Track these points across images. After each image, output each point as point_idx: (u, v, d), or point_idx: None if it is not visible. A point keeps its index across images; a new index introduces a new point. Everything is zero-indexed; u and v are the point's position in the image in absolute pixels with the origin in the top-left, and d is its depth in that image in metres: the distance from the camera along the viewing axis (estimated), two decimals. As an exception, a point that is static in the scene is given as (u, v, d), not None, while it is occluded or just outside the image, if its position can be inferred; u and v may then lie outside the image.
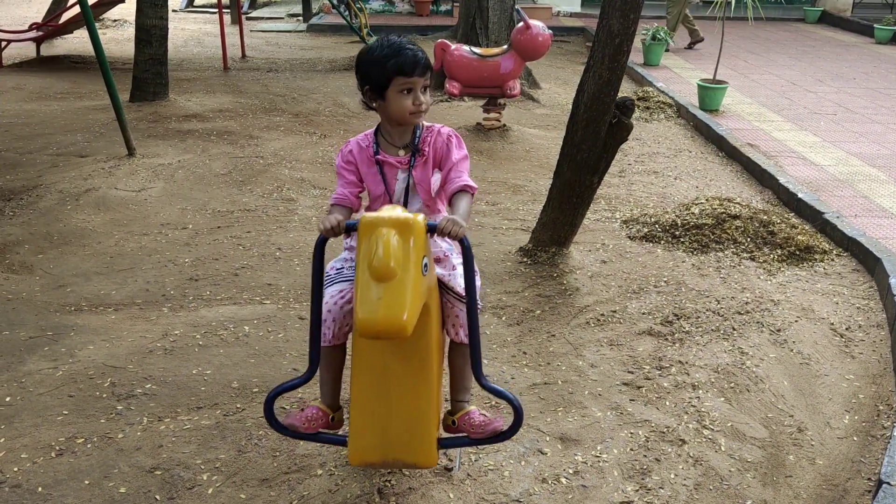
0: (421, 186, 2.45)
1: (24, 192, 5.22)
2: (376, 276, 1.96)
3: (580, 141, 4.14)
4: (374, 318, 1.93)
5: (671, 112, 8.27)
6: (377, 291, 1.95)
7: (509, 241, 4.69)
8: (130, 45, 8.45)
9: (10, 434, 2.84)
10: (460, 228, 2.15)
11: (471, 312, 2.24)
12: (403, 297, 1.95)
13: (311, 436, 2.41)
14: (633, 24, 3.92)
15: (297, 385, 2.36)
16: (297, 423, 2.37)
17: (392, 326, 1.94)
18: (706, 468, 2.80)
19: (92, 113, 7.36)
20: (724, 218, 4.90)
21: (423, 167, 2.44)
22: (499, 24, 8.75)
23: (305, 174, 5.84)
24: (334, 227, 2.19)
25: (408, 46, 2.36)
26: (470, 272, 2.22)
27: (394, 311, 1.94)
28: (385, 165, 2.44)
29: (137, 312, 3.79)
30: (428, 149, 2.43)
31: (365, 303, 1.95)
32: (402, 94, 2.35)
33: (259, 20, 15.14)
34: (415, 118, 2.41)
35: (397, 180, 2.45)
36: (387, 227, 2.00)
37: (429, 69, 2.38)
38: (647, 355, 3.52)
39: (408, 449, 2.26)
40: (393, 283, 1.96)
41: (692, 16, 12.29)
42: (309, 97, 8.35)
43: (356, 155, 2.47)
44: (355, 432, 2.25)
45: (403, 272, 1.97)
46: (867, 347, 3.72)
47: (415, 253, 2.01)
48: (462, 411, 2.44)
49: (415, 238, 2.02)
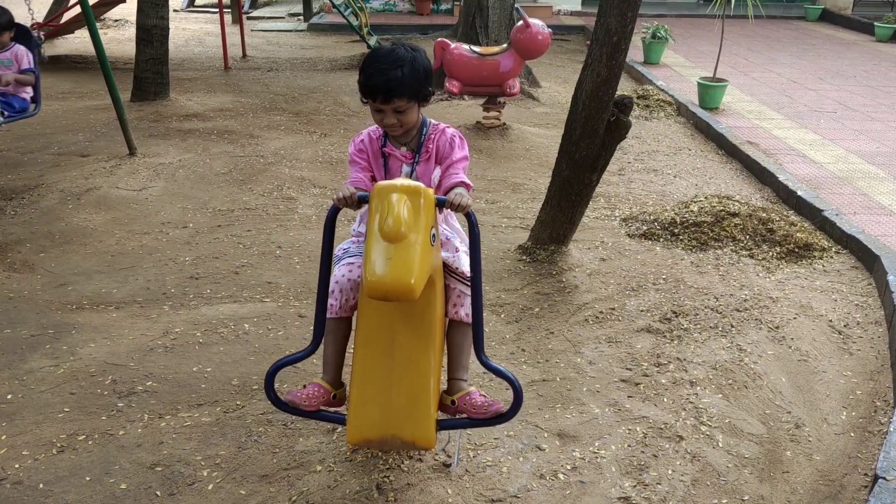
0: (423, 181, 2.52)
1: (26, 192, 5.24)
2: (387, 236, 2.02)
3: (579, 139, 4.15)
4: (383, 278, 1.98)
5: (671, 110, 8.28)
6: (387, 252, 2.01)
7: (508, 239, 4.70)
8: (131, 45, 8.46)
9: (11, 431, 2.86)
10: (467, 200, 2.24)
11: (475, 289, 2.29)
12: (412, 259, 2.01)
13: (311, 413, 2.43)
14: (630, 22, 3.93)
15: (300, 358, 2.39)
16: (298, 399, 2.39)
17: (400, 287, 1.98)
18: (703, 464, 2.81)
19: (93, 112, 7.38)
20: (723, 216, 4.91)
21: (425, 163, 2.53)
22: (499, 23, 8.76)
23: (305, 173, 5.86)
24: (348, 197, 2.27)
25: (385, 70, 2.35)
26: (476, 244, 2.28)
27: (403, 272, 1.99)
28: (390, 158, 2.54)
29: (138, 310, 3.81)
30: (432, 146, 2.52)
31: (374, 263, 2.00)
32: (374, 110, 2.45)
33: (260, 20, 15.16)
34: (390, 132, 2.50)
35: (401, 173, 2.54)
36: (399, 192, 2.08)
37: (399, 95, 2.36)
38: (645, 352, 3.54)
39: (408, 425, 2.27)
40: (402, 245, 2.02)
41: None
42: (309, 96, 8.37)
43: (367, 144, 2.57)
44: (356, 407, 2.26)
45: (413, 235, 2.03)
46: (865, 344, 3.73)
47: (425, 219, 2.08)
48: (462, 391, 2.47)
49: (425, 206, 2.10)
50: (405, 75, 2.37)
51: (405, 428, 2.26)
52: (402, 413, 2.25)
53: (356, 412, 2.26)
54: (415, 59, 2.41)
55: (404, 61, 2.38)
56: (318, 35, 13.47)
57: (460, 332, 2.50)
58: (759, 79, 10.09)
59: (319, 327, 2.35)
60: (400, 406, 2.25)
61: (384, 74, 2.36)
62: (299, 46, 12.15)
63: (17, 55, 5.49)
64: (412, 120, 2.47)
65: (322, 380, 2.49)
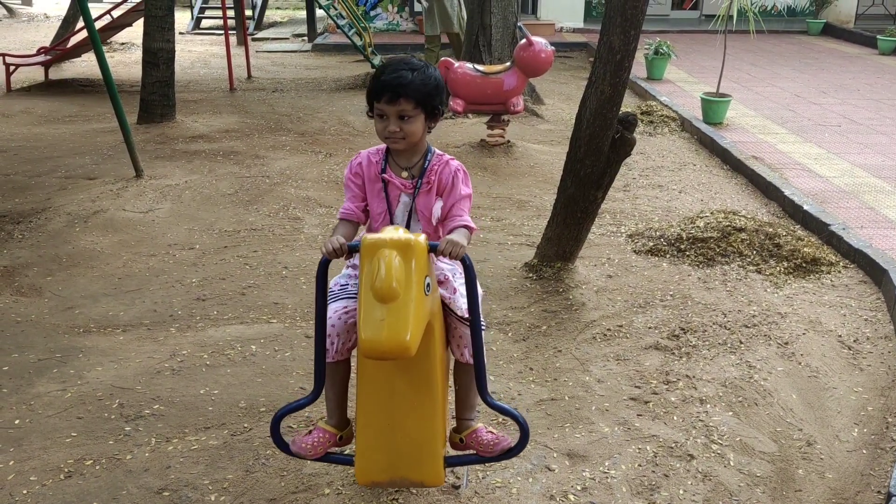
0: (423, 214, 2.44)
1: (34, 215, 5.26)
2: (379, 297, 1.97)
3: (583, 156, 4.16)
4: (377, 339, 1.95)
5: (675, 126, 8.29)
6: (380, 312, 1.96)
7: (514, 257, 4.70)
8: (138, 68, 8.54)
9: (19, 456, 2.85)
10: (461, 249, 2.16)
11: (474, 332, 2.25)
12: (406, 317, 1.96)
13: (321, 458, 2.42)
14: (633, 40, 3.95)
15: (303, 405, 2.37)
16: (303, 450, 2.36)
17: (396, 347, 1.95)
18: (715, 483, 2.78)
19: (100, 135, 7.44)
20: (729, 231, 4.89)
21: (426, 195, 2.42)
22: (502, 42, 8.81)
23: (311, 193, 5.87)
24: (337, 249, 2.21)
25: (395, 70, 2.32)
26: (472, 291, 2.23)
27: (397, 331, 1.95)
28: (389, 185, 2.43)
29: (145, 333, 3.81)
30: (434, 178, 2.41)
31: (368, 324, 1.96)
32: (378, 118, 2.35)
33: (264, 41, 15.28)
34: (391, 143, 2.39)
35: (399, 202, 2.44)
36: (389, 248, 2.01)
37: (406, 96, 2.29)
38: (653, 370, 3.52)
39: (415, 467, 2.26)
40: (396, 304, 1.97)
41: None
42: (314, 116, 8.41)
43: (364, 168, 2.46)
44: (362, 452, 2.25)
45: (406, 293, 1.98)
46: (875, 359, 3.70)
47: (417, 273, 2.02)
48: (469, 429, 2.45)
49: (416, 258, 2.03)
50: (415, 78, 2.31)
51: (412, 470, 2.26)
52: (409, 456, 2.25)
53: (363, 456, 2.25)
54: (427, 68, 2.37)
55: (416, 67, 2.34)
56: (322, 55, 13.57)
57: (466, 373, 2.44)
58: (763, 93, 10.11)
59: (320, 373, 2.33)
60: (406, 449, 2.24)
61: (393, 73, 2.31)
62: (304, 67, 12.24)
63: None
64: (416, 132, 2.35)
65: (326, 424, 2.45)
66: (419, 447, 2.24)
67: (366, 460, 2.25)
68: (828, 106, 9.36)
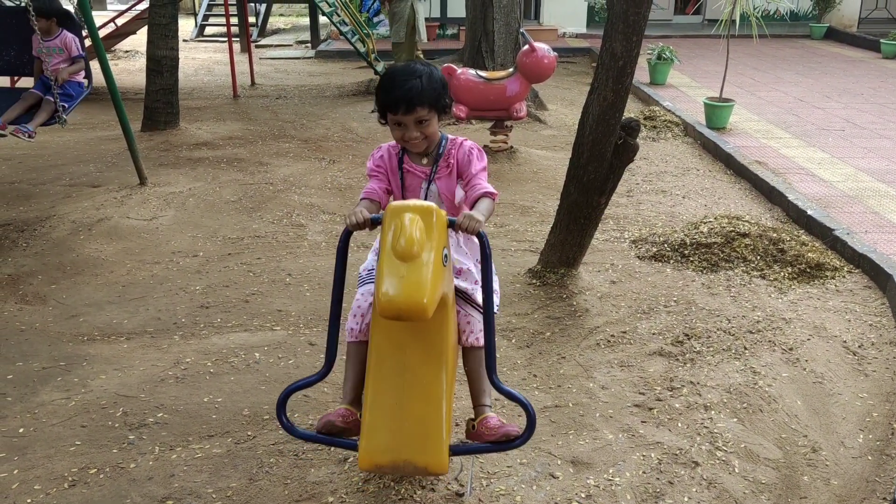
0: (445, 196, 2.56)
1: (38, 223, 5.28)
2: (400, 254, 2.03)
3: (586, 162, 4.16)
4: (395, 297, 1.99)
5: (678, 131, 8.29)
6: (400, 271, 2.01)
7: (518, 263, 4.69)
8: (142, 76, 8.57)
9: (23, 465, 2.85)
10: (477, 223, 2.27)
11: (487, 312, 2.29)
12: (425, 278, 2.02)
13: (324, 439, 2.40)
14: (635, 46, 3.95)
15: (312, 382, 2.38)
16: (335, 418, 2.37)
17: (413, 306, 1.99)
18: (720, 490, 2.77)
19: (104, 143, 7.46)
20: (733, 236, 4.89)
21: (447, 178, 2.56)
22: (504, 48, 8.83)
23: (315, 200, 5.88)
24: (360, 221, 2.28)
25: (404, 81, 2.43)
26: (488, 266, 2.29)
27: (416, 290, 2.00)
28: (408, 175, 2.57)
29: (149, 341, 3.81)
30: (452, 161, 2.55)
31: (387, 281, 2.01)
32: (395, 126, 2.49)
33: (268, 48, 15.34)
34: (412, 147, 2.53)
35: (420, 189, 2.57)
36: (411, 212, 2.10)
37: (421, 104, 2.43)
38: (658, 376, 3.51)
39: (420, 451, 2.24)
40: (416, 264, 2.03)
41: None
42: (318, 123, 8.43)
43: (385, 160, 2.61)
44: (368, 432, 2.24)
45: (426, 254, 2.05)
46: (880, 365, 3.68)
47: (437, 239, 2.10)
48: (481, 416, 2.48)
49: (437, 226, 2.12)
50: (424, 85, 2.44)
51: (417, 454, 2.25)
52: (413, 439, 2.24)
53: (368, 437, 2.24)
54: (431, 71, 2.50)
55: (422, 73, 2.46)
56: (325, 62, 13.61)
57: (475, 357, 2.49)
58: (766, 98, 10.10)
59: (332, 349, 2.35)
60: (411, 432, 2.24)
61: (404, 85, 2.42)
62: (307, 73, 12.27)
63: (65, 42, 5.50)
64: (434, 131, 2.52)
65: (343, 404, 2.47)
66: (425, 429, 2.24)
67: (371, 442, 2.24)
68: (831, 110, 9.34)
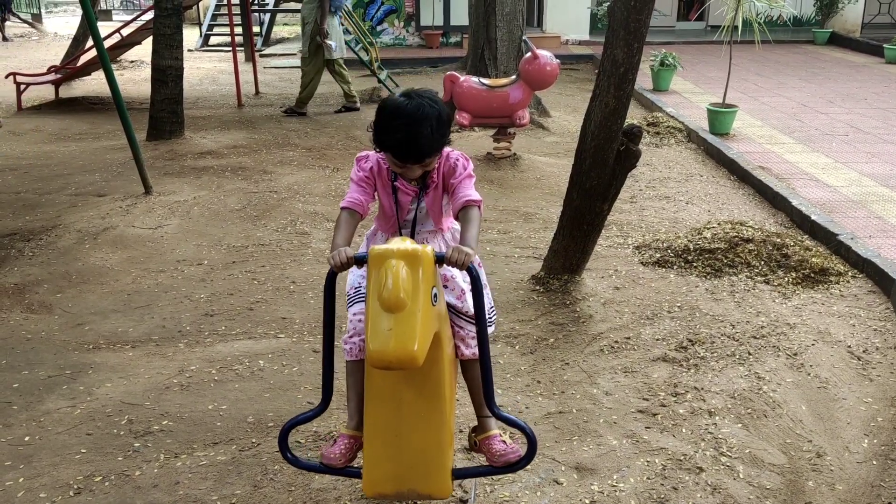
0: (432, 211, 2.52)
1: (44, 233, 5.31)
2: (386, 306, 1.99)
3: (589, 168, 4.17)
4: (384, 349, 1.96)
5: (681, 137, 8.29)
6: (387, 322, 1.99)
7: (521, 270, 4.70)
8: (147, 86, 8.61)
9: (29, 473, 2.87)
10: (467, 257, 2.19)
11: (482, 339, 2.27)
12: (414, 327, 1.98)
13: (329, 470, 2.41)
14: (637, 52, 3.97)
15: (311, 417, 2.38)
16: (333, 460, 2.35)
17: (403, 357, 1.97)
18: (725, 496, 2.77)
19: (109, 153, 7.50)
20: (736, 241, 4.88)
21: (433, 192, 2.50)
22: (507, 55, 8.85)
23: (319, 208, 5.90)
24: (344, 262, 2.23)
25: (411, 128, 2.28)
26: (479, 300, 2.25)
27: (404, 341, 1.97)
28: (400, 192, 2.51)
29: (154, 349, 3.83)
30: (437, 176, 2.48)
31: (376, 334, 1.98)
32: (396, 165, 2.40)
33: (272, 56, 15.40)
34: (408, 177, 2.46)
35: (410, 208, 2.52)
36: (395, 258, 2.04)
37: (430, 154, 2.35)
38: (662, 382, 3.51)
39: (422, 479, 2.26)
40: (403, 314, 1.99)
41: (346, 71, 9.56)
42: (321, 131, 8.46)
43: (375, 173, 2.52)
44: (370, 463, 2.26)
45: (413, 303, 2.01)
46: (885, 370, 3.68)
47: (424, 283, 2.05)
48: (486, 433, 2.46)
49: (423, 269, 2.06)
50: (434, 132, 2.31)
51: (420, 482, 2.26)
52: (416, 468, 2.25)
53: (370, 467, 2.26)
54: (440, 112, 2.34)
55: (430, 116, 2.30)
56: (329, 70, 13.63)
57: (474, 369, 2.46)
58: (769, 103, 10.10)
59: (328, 387, 2.34)
60: (413, 462, 2.25)
61: (412, 134, 2.28)
62: (311, 82, 12.29)
63: None
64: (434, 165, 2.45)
65: (347, 429, 2.45)
66: (427, 459, 2.24)
67: (374, 472, 2.25)
68: (835, 115, 9.34)
